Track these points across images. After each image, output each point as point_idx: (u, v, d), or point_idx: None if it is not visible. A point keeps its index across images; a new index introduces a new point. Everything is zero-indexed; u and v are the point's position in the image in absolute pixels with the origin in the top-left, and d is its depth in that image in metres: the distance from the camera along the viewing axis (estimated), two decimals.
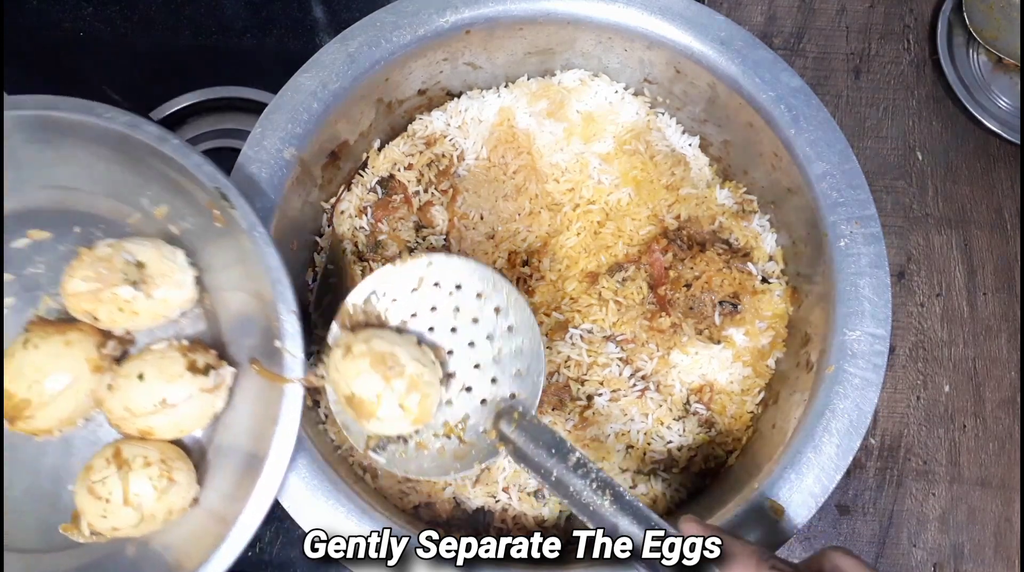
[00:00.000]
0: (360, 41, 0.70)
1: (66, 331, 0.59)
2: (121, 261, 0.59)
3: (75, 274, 0.58)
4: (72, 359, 0.58)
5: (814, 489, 0.60)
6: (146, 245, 0.60)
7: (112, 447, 0.57)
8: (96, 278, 0.58)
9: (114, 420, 0.58)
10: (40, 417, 0.57)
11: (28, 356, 0.57)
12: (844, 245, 0.65)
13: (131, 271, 0.59)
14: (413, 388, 0.55)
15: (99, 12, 0.94)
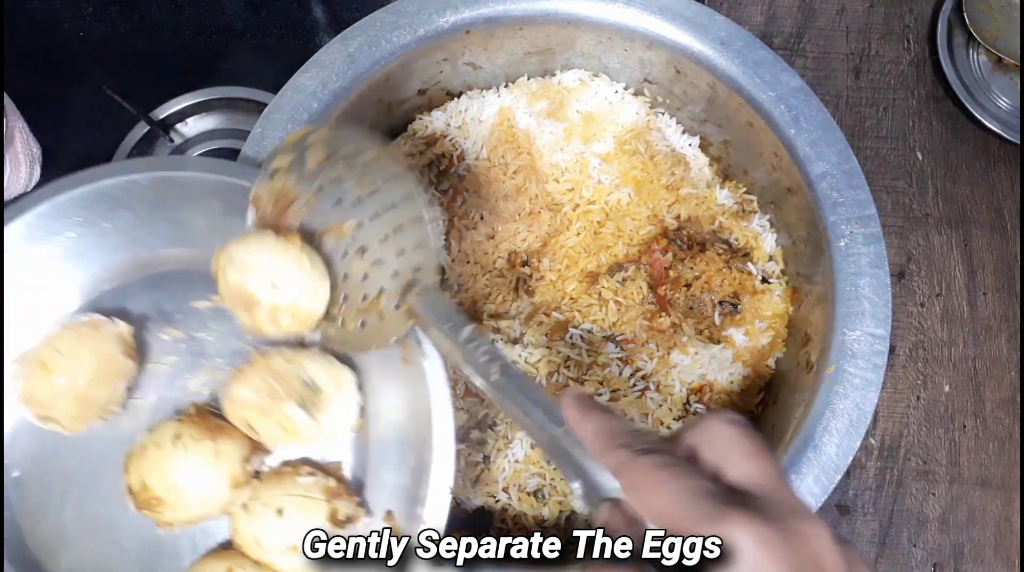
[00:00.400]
0: (360, 41, 0.70)
1: (218, 438, 0.56)
2: (297, 380, 0.56)
3: (245, 381, 0.56)
4: (217, 474, 0.55)
5: (814, 489, 0.60)
6: (319, 363, 0.57)
7: (226, 564, 0.55)
8: (267, 392, 0.55)
9: (238, 540, 0.56)
10: (168, 514, 0.55)
11: (176, 457, 0.54)
12: (844, 245, 0.65)
13: (305, 393, 0.56)
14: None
15: (99, 12, 0.94)
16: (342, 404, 0.57)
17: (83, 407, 0.58)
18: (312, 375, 0.57)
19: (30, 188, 0.76)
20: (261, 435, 0.57)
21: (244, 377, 0.57)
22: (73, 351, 0.57)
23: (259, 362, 0.57)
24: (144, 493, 0.54)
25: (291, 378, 0.56)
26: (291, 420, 0.55)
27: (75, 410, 0.57)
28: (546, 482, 0.68)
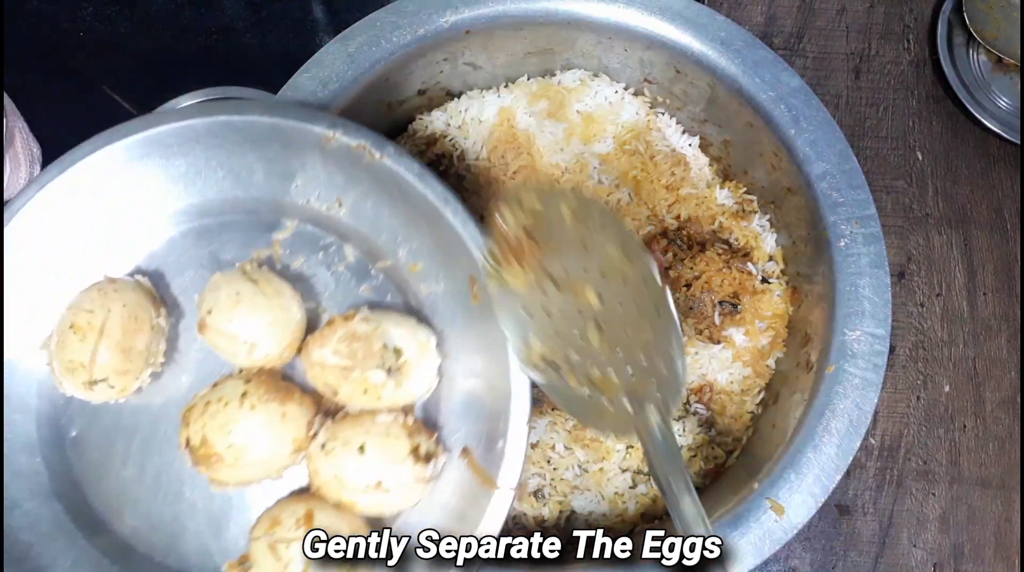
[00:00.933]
0: (360, 41, 0.70)
1: (286, 400, 0.55)
2: (380, 344, 0.55)
3: (326, 343, 0.56)
4: (281, 436, 0.54)
5: (814, 489, 0.60)
6: (401, 326, 0.57)
7: (305, 506, 0.54)
8: (349, 356, 0.55)
9: (317, 482, 0.55)
10: (225, 474, 0.55)
11: (242, 415, 0.54)
12: (844, 245, 0.65)
13: (388, 357, 0.55)
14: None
15: (99, 12, 0.94)
16: (423, 367, 0.57)
17: (127, 359, 0.57)
18: (394, 338, 0.56)
19: None
20: (341, 397, 0.56)
21: (324, 338, 0.56)
22: (101, 306, 0.56)
23: (339, 325, 0.56)
24: (203, 449, 0.54)
25: (373, 341, 0.55)
26: (374, 384, 0.55)
27: (120, 363, 0.56)
28: (546, 482, 0.68)
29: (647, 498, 0.68)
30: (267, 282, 0.57)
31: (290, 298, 0.58)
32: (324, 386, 0.56)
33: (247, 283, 0.56)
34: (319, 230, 0.63)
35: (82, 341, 0.55)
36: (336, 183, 0.61)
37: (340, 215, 0.62)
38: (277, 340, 0.56)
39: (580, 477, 0.68)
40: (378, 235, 0.62)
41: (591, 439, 0.68)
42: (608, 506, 0.68)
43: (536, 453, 0.68)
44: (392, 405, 0.57)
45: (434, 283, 0.61)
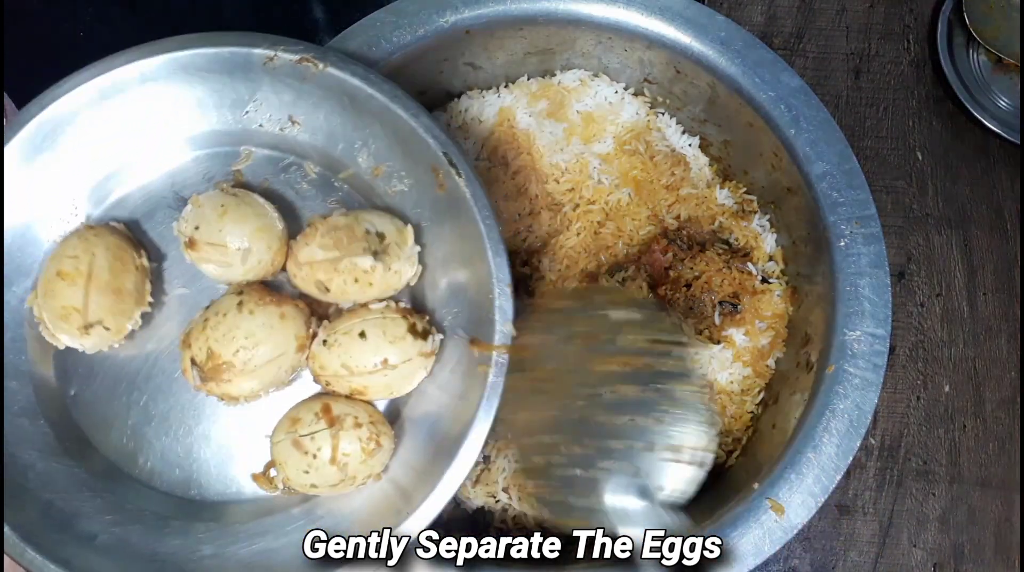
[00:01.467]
0: (360, 41, 0.70)
1: (282, 303, 0.57)
2: (362, 230, 0.57)
3: (311, 241, 0.57)
4: (284, 334, 0.56)
5: (814, 489, 0.60)
6: (381, 215, 0.59)
7: (319, 402, 0.56)
8: (335, 246, 0.56)
9: (325, 376, 0.57)
10: (235, 384, 0.56)
11: (243, 321, 0.55)
12: (844, 245, 0.65)
13: (372, 241, 0.57)
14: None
15: (99, 12, 0.94)
16: (405, 251, 0.58)
17: (119, 299, 0.57)
18: (375, 224, 0.58)
19: None
20: (332, 291, 0.58)
21: (308, 238, 0.57)
22: (84, 251, 0.57)
23: (319, 223, 0.58)
24: (211, 362, 0.55)
25: (355, 228, 0.57)
26: (364, 270, 0.56)
27: (113, 304, 0.57)
28: None
29: None
30: (246, 195, 0.59)
31: (271, 209, 0.60)
32: (315, 285, 0.58)
33: (229, 197, 0.58)
34: (277, 152, 0.64)
35: (72, 286, 0.56)
36: (285, 102, 0.62)
37: (295, 133, 0.63)
38: (268, 245, 0.58)
39: None
40: (335, 146, 0.63)
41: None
42: None
43: None
44: (382, 292, 0.59)
45: (399, 182, 0.62)
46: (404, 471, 0.57)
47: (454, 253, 0.60)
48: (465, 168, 0.58)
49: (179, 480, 0.60)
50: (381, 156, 0.62)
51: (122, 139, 0.62)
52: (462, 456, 0.54)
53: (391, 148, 0.61)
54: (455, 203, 0.58)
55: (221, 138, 0.63)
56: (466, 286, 0.59)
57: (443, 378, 0.59)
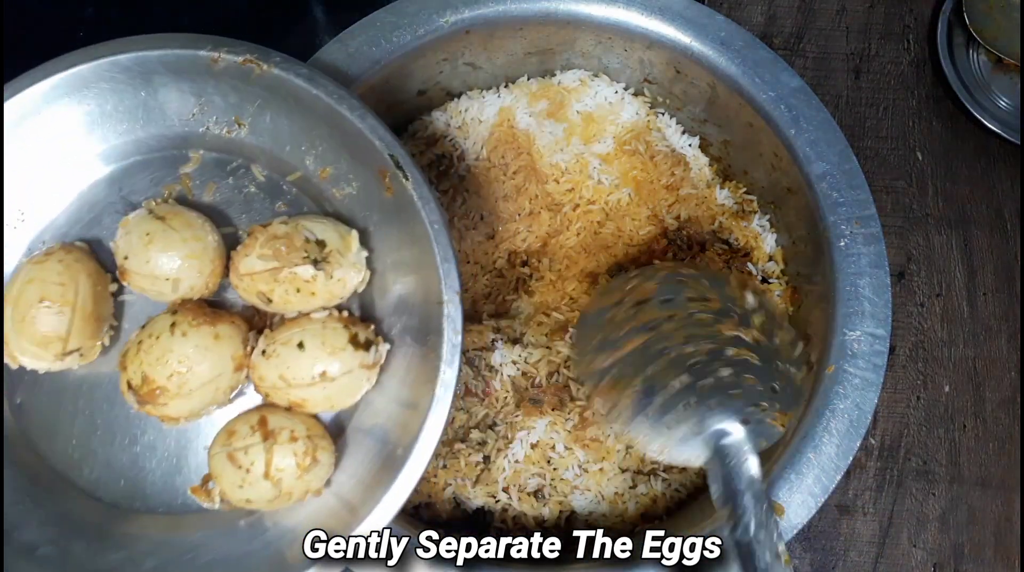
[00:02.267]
0: (360, 41, 0.70)
1: (216, 322, 0.56)
2: (301, 239, 0.56)
3: (250, 252, 0.56)
4: (219, 355, 0.55)
5: (814, 489, 0.60)
6: (323, 222, 0.58)
7: (257, 414, 0.55)
8: (275, 256, 0.55)
9: (264, 388, 0.56)
10: (172, 406, 0.55)
11: (175, 344, 0.54)
12: (844, 245, 0.65)
13: (312, 249, 0.55)
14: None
15: (99, 12, 0.94)
16: (349, 258, 0.57)
17: (97, 327, 0.57)
18: (315, 232, 0.56)
19: None
20: (275, 302, 0.56)
21: (247, 249, 0.56)
22: (70, 279, 0.56)
23: (258, 232, 0.57)
24: (145, 386, 0.54)
25: (295, 237, 0.56)
26: (305, 280, 0.55)
27: (92, 331, 0.57)
28: (546, 482, 0.68)
29: (647, 498, 0.68)
30: (175, 216, 0.58)
31: (201, 227, 0.58)
32: (257, 297, 0.57)
33: (155, 222, 0.57)
34: (224, 155, 0.63)
35: (58, 315, 0.55)
36: (231, 103, 0.61)
37: (242, 136, 0.62)
38: (198, 270, 0.57)
39: (580, 477, 0.68)
40: (282, 148, 0.62)
41: (591, 439, 0.68)
42: (608, 506, 0.68)
43: (536, 453, 0.68)
44: (327, 301, 0.57)
45: (346, 185, 0.61)
46: (351, 484, 0.56)
47: (403, 259, 0.59)
48: (413, 171, 0.57)
49: (124, 491, 0.59)
50: (328, 158, 0.61)
51: (68, 141, 0.61)
52: (409, 468, 0.53)
53: (338, 150, 0.60)
54: (403, 207, 0.57)
55: (169, 141, 0.63)
56: (415, 293, 0.58)
57: (391, 388, 0.58)
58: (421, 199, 0.56)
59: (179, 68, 0.60)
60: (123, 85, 0.61)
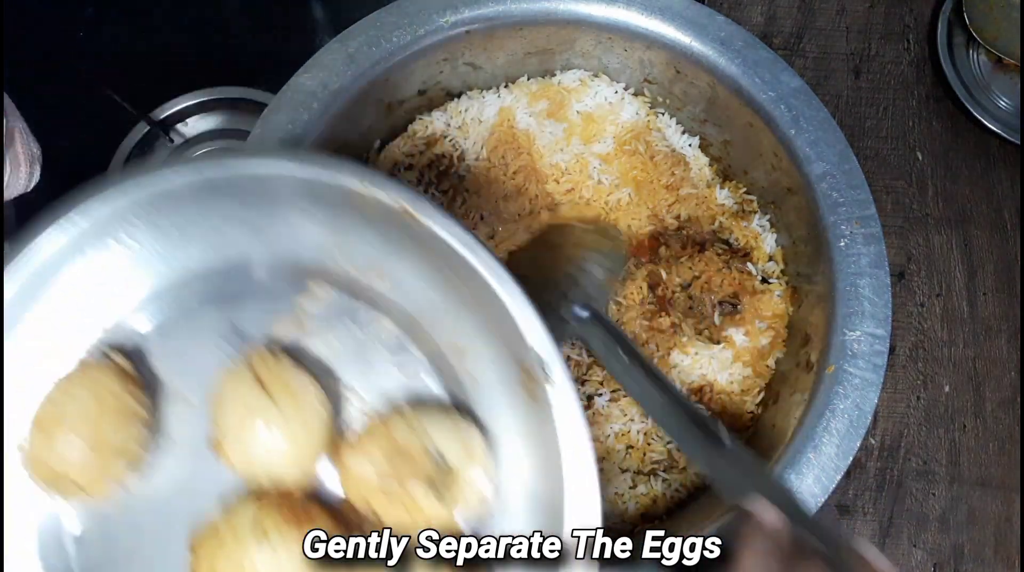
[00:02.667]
0: (360, 41, 0.70)
1: (306, 524, 0.48)
2: (424, 454, 0.48)
3: (363, 453, 0.48)
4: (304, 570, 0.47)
5: (814, 489, 0.60)
6: (447, 429, 0.49)
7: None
8: (392, 474, 0.47)
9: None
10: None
11: (257, 553, 0.46)
12: (844, 245, 0.65)
13: (432, 469, 0.48)
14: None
15: (99, 12, 0.94)
16: (470, 475, 0.49)
17: (101, 457, 0.48)
18: (441, 447, 0.48)
19: (30, 188, 0.76)
20: (380, 515, 0.49)
21: (362, 448, 0.49)
22: (67, 398, 0.49)
23: (378, 432, 0.49)
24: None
25: (418, 453, 0.48)
26: (419, 505, 0.48)
27: (92, 462, 0.48)
28: None
29: (647, 498, 0.68)
30: (283, 388, 0.49)
31: (311, 405, 0.50)
32: (362, 503, 0.50)
33: (259, 395, 0.48)
34: (349, 297, 0.54)
35: (46, 439, 0.48)
36: (374, 247, 0.52)
37: (379, 287, 0.53)
38: (298, 463, 0.49)
39: None
40: (422, 312, 0.53)
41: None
42: (608, 506, 0.68)
43: None
44: (436, 525, 0.50)
45: (480, 373, 0.52)
46: None
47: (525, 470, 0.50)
48: (563, 377, 0.46)
49: None
50: (465, 333, 0.52)
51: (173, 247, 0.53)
52: None
53: (481, 332, 0.51)
54: (541, 414, 0.48)
55: (291, 267, 0.54)
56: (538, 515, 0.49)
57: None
58: (569, 413, 0.46)
59: (318, 194, 0.50)
60: (254, 197, 0.51)
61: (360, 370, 0.54)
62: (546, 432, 0.47)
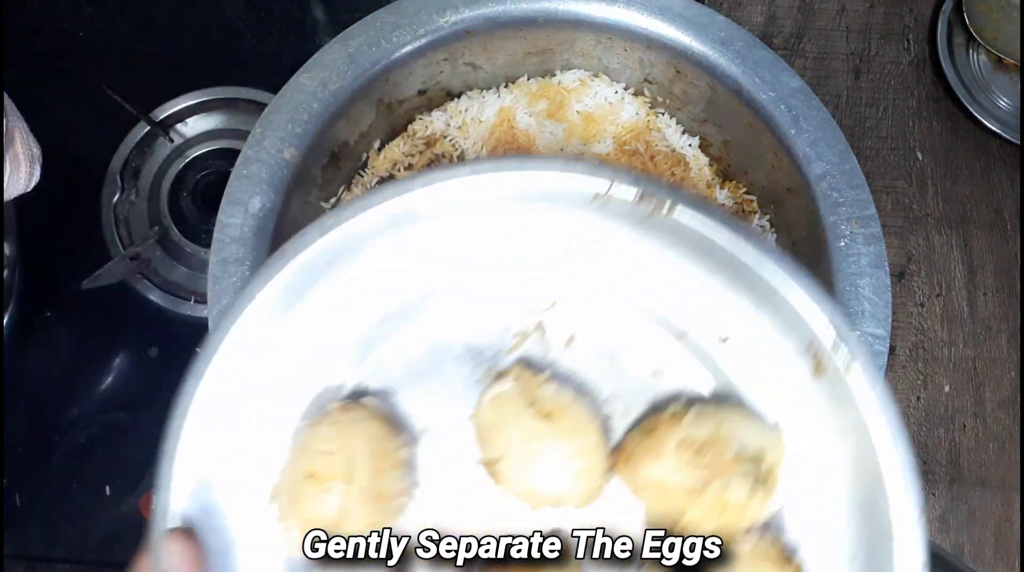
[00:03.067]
0: (360, 41, 0.70)
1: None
2: (732, 451, 0.43)
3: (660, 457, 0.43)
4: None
5: None
6: (749, 423, 0.44)
7: None
8: (700, 471, 0.42)
9: None
10: None
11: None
12: (844, 245, 0.65)
13: (747, 465, 0.43)
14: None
15: (99, 12, 0.94)
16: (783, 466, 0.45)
17: (377, 507, 0.46)
18: (746, 440, 0.43)
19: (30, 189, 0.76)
20: (686, 518, 0.45)
21: (655, 452, 0.44)
22: (340, 445, 0.45)
23: (667, 431, 0.44)
24: None
25: (724, 450, 0.43)
26: (735, 503, 0.43)
27: (370, 514, 0.46)
28: None
29: None
30: (562, 413, 0.45)
31: (595, 432, 0.46)
32: (659, 505, 0.46)
33: (539, 421, 0.44)
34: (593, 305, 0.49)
35: (321, 492, 0.45)
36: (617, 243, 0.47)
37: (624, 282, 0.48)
38: (584, 491, 0.46)
39: None
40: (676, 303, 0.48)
41: None
42: None
43: None
44: (752, 522, 0.45)
45: (755, 358, 0.46)
46: None
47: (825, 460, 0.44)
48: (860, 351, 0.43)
49: None
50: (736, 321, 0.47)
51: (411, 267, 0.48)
52: None
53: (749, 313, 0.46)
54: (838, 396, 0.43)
55: (527, 280, 0.49)
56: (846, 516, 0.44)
57: None
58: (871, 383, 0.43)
59: (553, 197, 0.45)
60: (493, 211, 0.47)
61: (609, 376, 0.48)
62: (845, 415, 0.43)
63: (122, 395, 0.82)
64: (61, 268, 0.84)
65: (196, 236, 0.85)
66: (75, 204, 0.85)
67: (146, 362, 0.83)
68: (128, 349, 0.83)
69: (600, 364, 0.48)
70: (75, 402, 0.81)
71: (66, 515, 0.77)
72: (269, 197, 0.65)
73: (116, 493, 0.78)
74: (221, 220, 0.64)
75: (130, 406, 0.81)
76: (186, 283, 0.85)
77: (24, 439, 0.79)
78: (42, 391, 0.81)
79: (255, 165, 0.66)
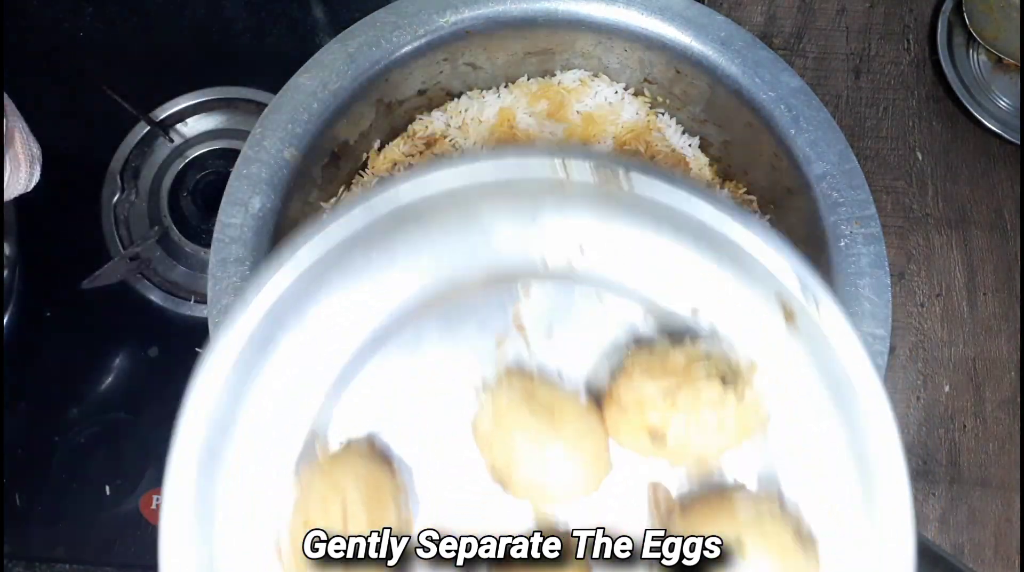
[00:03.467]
0: (360, 41, 0.70)
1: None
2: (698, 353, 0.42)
3: (632, 375, 0.42)
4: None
5: None
6: (715, 345, 0.44)
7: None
8: (668, 371, 0.41)
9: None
10: None
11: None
12: (844, 245, 0.65)
13: (717, 364, 0.42)
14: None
15: (99, 12, 0.94)
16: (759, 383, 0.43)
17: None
18: (715, 354, 0.43)
19: (30, 189, 0.76)
20: (671, 442, 0.43)
21: (628, 374, 0.43)
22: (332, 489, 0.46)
23: (637, 356, 0.44)
24: None
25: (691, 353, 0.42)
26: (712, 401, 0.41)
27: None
28: None
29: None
30: (561, 411, 0.45)
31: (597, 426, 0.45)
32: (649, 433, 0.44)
33: (539, 421, 0.44)
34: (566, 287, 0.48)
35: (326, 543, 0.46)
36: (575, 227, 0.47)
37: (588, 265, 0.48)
38: (586, 480, 0.47)
39: None
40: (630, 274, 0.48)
41: None
42: None
43: None
44: (738, 438, 0.43)
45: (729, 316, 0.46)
46: None
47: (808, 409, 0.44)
48: (825, 297, 0.42)
49: None
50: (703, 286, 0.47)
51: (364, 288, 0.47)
52: None
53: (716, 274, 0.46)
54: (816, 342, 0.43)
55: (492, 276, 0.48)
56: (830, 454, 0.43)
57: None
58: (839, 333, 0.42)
59: (511, 191, 0.45)
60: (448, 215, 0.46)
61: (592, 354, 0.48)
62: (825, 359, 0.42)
63: (122, 395, 0.82)
64: (61, 268, 0.84)
65: (196, 236, 0.85)
66: (75, 204, 0.85)
67: (146, 362, 0.83)
68: (128, 349, 0.83)
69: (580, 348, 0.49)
70: (75, 402, 0.81)
71: (66, 515, 0.77)
72: (269, 197, 0.65)
73: (116, 493, 0.78)
74: (221, 220, 0.64)
75: (130, 406, 0.81)
76: (186, 283, 0.85)
77: (24, 439, 0.79)
78: (42, 391, 0.81)
79: (255, 165, 0.66)
